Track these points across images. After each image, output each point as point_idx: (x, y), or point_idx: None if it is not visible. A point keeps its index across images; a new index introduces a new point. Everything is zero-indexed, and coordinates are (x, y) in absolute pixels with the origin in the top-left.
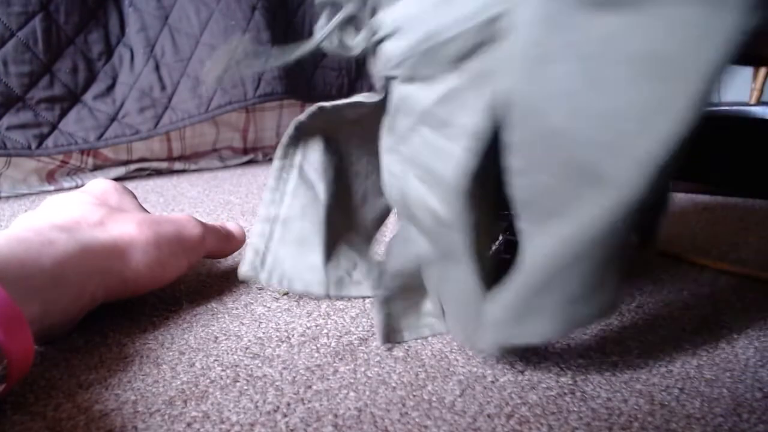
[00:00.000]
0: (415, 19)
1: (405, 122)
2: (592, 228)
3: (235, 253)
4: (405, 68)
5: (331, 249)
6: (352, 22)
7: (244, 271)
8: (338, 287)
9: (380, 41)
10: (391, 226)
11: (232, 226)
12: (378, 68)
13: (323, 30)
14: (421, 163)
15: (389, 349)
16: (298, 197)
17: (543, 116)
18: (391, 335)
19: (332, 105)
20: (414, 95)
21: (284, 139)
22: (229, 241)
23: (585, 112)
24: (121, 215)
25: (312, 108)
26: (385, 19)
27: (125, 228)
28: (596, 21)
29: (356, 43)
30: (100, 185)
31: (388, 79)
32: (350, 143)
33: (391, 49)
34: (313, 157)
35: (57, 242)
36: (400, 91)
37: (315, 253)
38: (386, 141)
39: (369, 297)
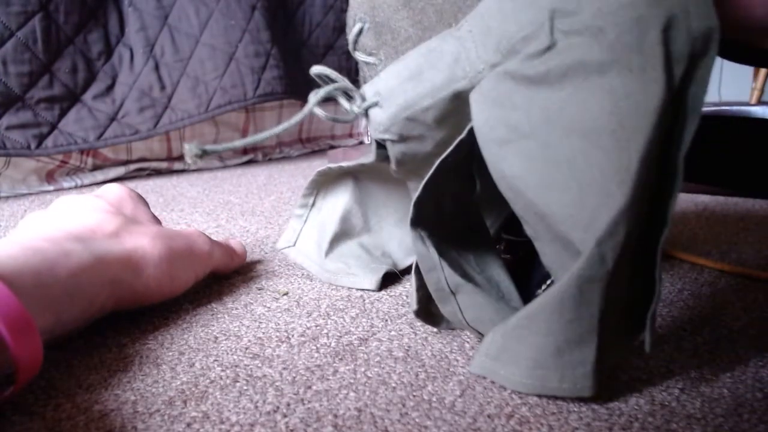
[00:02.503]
0: (393, 92)
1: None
2: (558, 293)
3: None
4: (392, 133)
5: (339, 241)
6: (343, 92)
7: (280, 245)
8: (334, 275)
9: (368, 109)
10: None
11: (234, 243)
12: (370, 131)
13: (316, 97)
14: None
15: (389, 350)
16: (330, 194)
17: (520, 193)
18: (426, 313)
19: (338, 166)
20: (413, 150)
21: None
22: (233, 258)
23: (548, 188)
24: (136, 227)
25: (322, 169)
26: (369, 91)
27: (139, 241)
28: (536, 98)
29: (350, 110)
30: (115, 191)
31: (383, 141)
32: (364, 177)
33: (378, 117)
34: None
35: (72, 253)
36: (397, 149)
37: (326, 242)
38: (411, 184)
39: (363, 289)
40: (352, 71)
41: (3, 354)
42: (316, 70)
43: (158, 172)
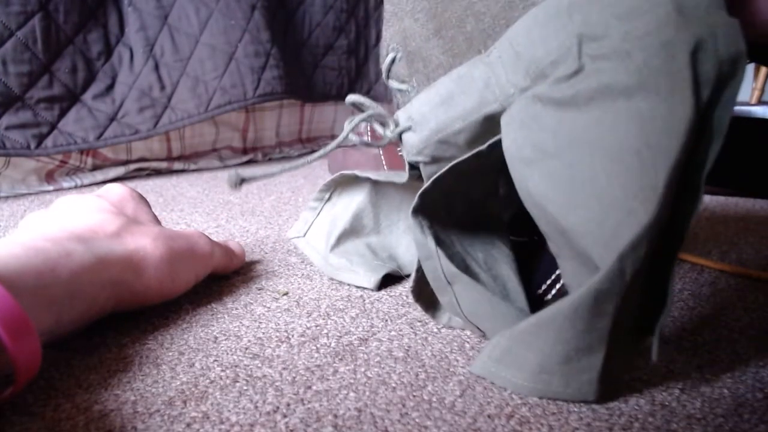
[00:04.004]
0: (425, 117)
1: None
2: (573, 304)
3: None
4: (425, 155)
5: (347, 238)
6: (376, 118)
7: (290, 234)
8: (336, 270)
9: (401, 133)
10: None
11: (233, 244)
12: (404, 154)
13: (350, 125)
14: None
15: (389, 350)
16: (346, 191)
17: (544, 210)
18: (422, 294)
19: (366, 176)
20: None
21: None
22: (232, 259)
23: (571, 205)
24: (137, 228)
25: (348, 173)
26: (402, 116)
27: (140, 242)
28: (563, 120)
29: (384, 135)
30: (116, 191)
31: (416, 163)
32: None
33: (411, 141)
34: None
35: (74, 254)
36: (430, 170)
37: (334, 236)
38: None
39: (362, 287)
40: (352, 71)
41: (1, 355)
42: (351, 98)
43: (158, 172)
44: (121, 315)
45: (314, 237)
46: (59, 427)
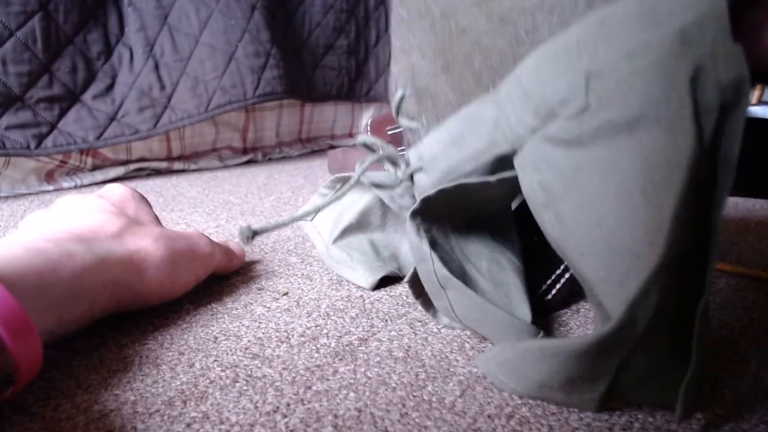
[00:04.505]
0: (436, 158)
1: None
2: (582, 347)
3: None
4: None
5: (352, 232)
6: (387, 158)
7: (299, 214)
8: (336, 264)
9: (413, 173)
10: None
11: (233, 244)
12: (416, 194)
13: (362, 166)
14: None
15: (389, 350)
16: (357, 187)
17: (565, 255)
18: (422, 293)
19: (386, 202)
20: (455, 208)
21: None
22: (232, 260)
23: (581, 252)
24: (139, 229)
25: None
26: (413, 156)
27: (142, 243)
28: (569, 160)
29: (396, 175)
30: (118, 191)
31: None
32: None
33: (422, 182)
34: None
35: (75, 254)
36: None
37: (339, 228)
38: None
39: (358, 285)
40: (352, 71)
41: (2, 355)
42: (361, 139)
43: (158, 172)
44: (121, 315)
45: (320, 224)
46: (59, 427)
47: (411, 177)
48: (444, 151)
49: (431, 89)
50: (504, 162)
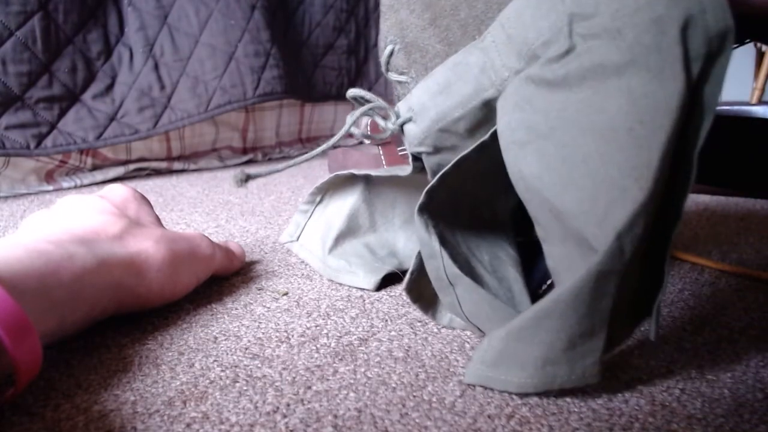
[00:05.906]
0: (425, 107)
1: None
2: (574, 288)
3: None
4: (427, 145)
5: (344, 239)
6: (377, 111)
7: (282, 239)
8: (335, 272)
9: (403, 124)
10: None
11: (233, 245)
12: (406, 145)
13: (352, 117)
14: None
15: (389, 350)
16: (338, 192)
17: (537, 192)
18: (421, 296)
19: (377, 175)
20: (447, 160)
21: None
22: (232, 261)
23: (564, 185)
24: (140, 230)
25: (344, 173)
26: (402, 108)
27: (143, 244)
28: (555, 100)
29: (386, 127)
30: (119, 192)
31: (418, 154)
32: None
33: (412, 132)
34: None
35: (76, 256)
36: (432, 160)
37: (330, 238)
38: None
39: (361, 288)
40: (352, 71)
41: (2, 357)
42: (352, 92)
43: (158, 172)
44: (121, 315)
45: (308, 240)
46: (59, 427)
47: (401, 128)
48: (432, 100)
49: (419, 43)
50: (491, 108)
